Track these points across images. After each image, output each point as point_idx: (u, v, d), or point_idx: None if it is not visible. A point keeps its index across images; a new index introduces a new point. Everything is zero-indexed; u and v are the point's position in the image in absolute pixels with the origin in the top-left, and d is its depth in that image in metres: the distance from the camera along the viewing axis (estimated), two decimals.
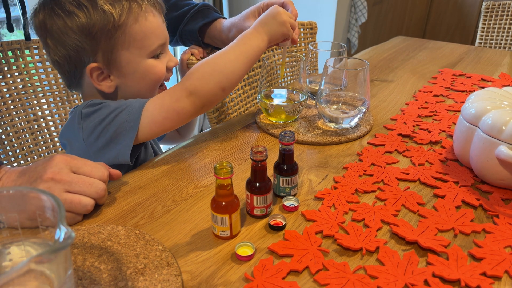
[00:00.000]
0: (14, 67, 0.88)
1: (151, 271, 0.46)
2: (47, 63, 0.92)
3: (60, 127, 0.96)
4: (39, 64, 0.91)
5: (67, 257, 0.35)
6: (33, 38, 0.88)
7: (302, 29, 1.29)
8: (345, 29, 2.47)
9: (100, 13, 0.64)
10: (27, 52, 0.89)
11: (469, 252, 0.50)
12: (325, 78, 0.78)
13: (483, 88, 0.86)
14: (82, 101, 0.79)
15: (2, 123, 0.87)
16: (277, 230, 0.54)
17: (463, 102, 0.94)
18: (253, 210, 0.55)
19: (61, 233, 0.33)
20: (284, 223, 0.54)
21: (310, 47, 0.94)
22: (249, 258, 0.49)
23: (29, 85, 0.90)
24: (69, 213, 0.53)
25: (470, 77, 1.12)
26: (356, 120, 0.79)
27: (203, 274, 0.47)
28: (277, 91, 0.89)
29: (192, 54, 0.92)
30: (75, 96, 0.98)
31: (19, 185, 0.53)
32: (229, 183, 0.50)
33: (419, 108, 0.92)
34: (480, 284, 0.45)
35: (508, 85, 0.96)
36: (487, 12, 1.66)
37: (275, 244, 0.50)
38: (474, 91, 1.00)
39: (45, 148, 0.95)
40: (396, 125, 0.83)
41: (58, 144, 0.97)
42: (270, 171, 0.58)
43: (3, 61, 0.86)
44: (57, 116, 0.96)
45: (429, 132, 0.80)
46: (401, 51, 1.38)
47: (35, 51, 0.90)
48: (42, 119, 0.93)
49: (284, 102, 0.86)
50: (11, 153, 0.89)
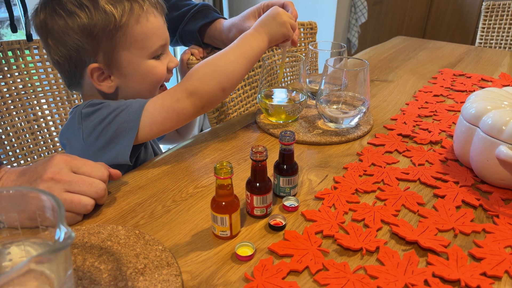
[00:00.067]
0: (14, 67, 0.88)
1: (151, 271, 0.46)
2: (47, 63, 0.92)
3: (60, 127, 0.96)
4: (39, 64, 0.91)
5: (67, 257, 0.35)
6: (35, 38, 0.88)
7: (302, 29, 1.29)
8: (345, 29, 2.47)
9: (101, 14, 0.64)
10: (27, 52, 0.89)
11: (469, 252, 0.50)
12: (325, 78, 0.78)
13: (483, 88, 0.86)
14: (82, 101, 0.79)
15: (2, 123, 0.87)
16: (277, 230, 0.54)
17: (463, 102, 0.94)
18: (253, 210, 0.55)
19: (61, 233, 0.33)
20: (284, 223, 0.54)
21: (310, 47, 0.94)
22: (249, 258, 0.49)
23: (29, 85, 0.90)
24: (69, 213, 0.53)
25: (470, 77, 1.12)
26: (356, 120, 0.79)
27: (203, 274, 0.47)
28: (277, 91, 0.89)
29: (192, 54, 0.92)
30: (75, 96, 0.98)
31: (19, 185, 0.53)
32: (229, 183, 0.50)
33: (419, 108, 0.92)
34: (480, 284, 0.45)
35: (508, 85, 0.96)
36: (487, 12, 1.66)
37: (275, 244, 0.50)
38: (474, 91, 1.00)
39: (45, 148, 0.95)
40: (396, 125, 0.83)
41: (58, 144, 0.97)
42: (270, 171, 0.58)
43: (3, 61, 0.86)
44: (57, 116, 0.96)
45: (429, 132, 0.80)
46: (401, 51, 1.38)
47: (35, 51, 0.90)
48: (42, 119, 0.93)
49: (284, 102, 0.86)
50: (11, 153, 0.89)
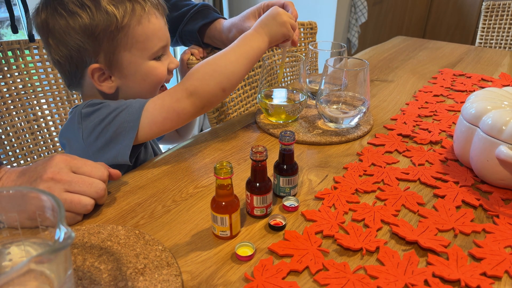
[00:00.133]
0: (14, 67, 0.87)
1: (151, 271, 0.46)
2: (47, 63, 0.92)
3: (60, 127, 0.96)
4: (39, 64, 0.91)
5: (67, 257, 0.35)
6: (37, 38, 0.88)
7: (302, 29, 1.29)
8: (345, 29, 2.47)
9: (103, 14, 0.64)
10: (27, 52, 0.89)
11: (469, 252, 0.50)
12: (325, 78, 0.78)
13: (483, 88, 0.86)
14: (82, 101, 0.79)
15: (2, 123, 0.87)
16: (277, 230, 0.54)
17: (463, 102, 0.94)
18: (253, 210, 0.55)
19: (61, 233, 0.33)
20: (284, 223, 0.54)
21: (310, 47, 0.94)
22: (249, 258, 0.49)
23: (29, 85, 0.90)
24: (69, 213, 0.53)
25: (470, 77, 1.12)
26: (356, 120, 0.79)
27: (203, 274, 0.47)
28: (277, 91, 0.89)
29: (192, 54, 0.92)
30: (75, 96, 0.98)
31: (19, 185, 0.53)
32: (229, 183, 0.50)
33: (419, 108, 0.92)
34: (480, 284, 0.45)
35: (508, 85, 0.96)
36: (487, 12, 1.66)
37: (275, 244, 0.50)
38: (474, 91, 1.00)
39: (45, 148, 0.95)
40: (396, 125, 0.83)
41: (58, 144, 0.97)
42: (270, 171, 0.58)
43: (3, 61, 0.86)
44: (57, 116, 0.96)
45: (429, 132, 0.80)
46: (401, 51, 1.38)
47: (35, 51, 0.90)
48: (42, 119, 0.93)
49: (284, 102, 0.86)
50: (11, 153, 0.89)
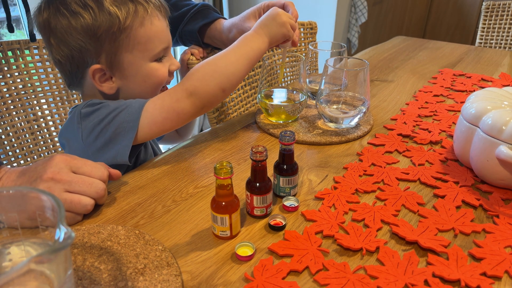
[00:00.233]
0: (14, 67, 0.87)
1: (151, 271, 0.46)
2: (47, 63, 0.92)
3: (60, 127, 0.96)
4: (39, 64, 0.91)
5: (67, 257, 0.35)
6: (37, 38, 0.88)
7: (302, 29, 1.29)
8: (345, 29, 2.47)
9: (106, 15, 0.64)
10: (27, 52, 0.89)
11: (469, 252, 0.50)
12: (325, 78, 0.78)
13: (483, 88, 0.86)
14: (82, 101, 0.79)
15: (2, 123, 0.87)
16: (277, 230, 0.54)
17: (463, 102, 0.94)
18: (253, 210, 0.55)
19: (61, 233, 0.33)
20: (284, 223, 0.54)
21: (310, 47, 0.94)
22: (249, 258, 0.49)
23: (29, 85, 0.90)
24: (69, 213, 0.53)
25: (470, 77, 1.12)
26: (356, 120, 0.79)
27: (203, 274, 0.47)
28: (277, 91, 0.89)
29: (192, 54, 0.92)
30: (75, 96, 0.98)
31: (19, 185, 0.53)
32: (229, 183, 0.50)
33: (419, 108, 0.92)
34: (480, 284, 0.45)
35: (508, 85, 0.96)
36: (487, 12, 1.66)
37: (275, 244, 0.50)
38: (474, 91, 1.00)
39: (45, 148, 0.95)
40: (396, 125, 0.83)
41: (58, 144, 0.97)
42: (270, 171, 0.58)
43: (3, 61, 0.86)
44: (57, 116, 0.96)
45: (429, 132, 0.80)
46: (401, 51, 1.38)
47: (35, 51, 0.90)
48: (42, 119, 0.93)
49: (284, 102, 0.86)
50: (11, 153, 0.89)
